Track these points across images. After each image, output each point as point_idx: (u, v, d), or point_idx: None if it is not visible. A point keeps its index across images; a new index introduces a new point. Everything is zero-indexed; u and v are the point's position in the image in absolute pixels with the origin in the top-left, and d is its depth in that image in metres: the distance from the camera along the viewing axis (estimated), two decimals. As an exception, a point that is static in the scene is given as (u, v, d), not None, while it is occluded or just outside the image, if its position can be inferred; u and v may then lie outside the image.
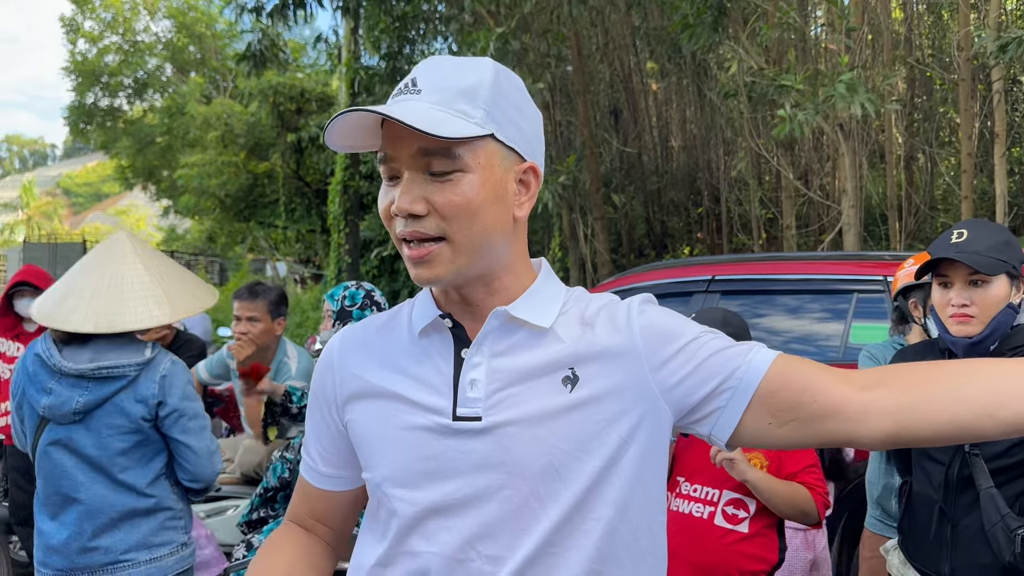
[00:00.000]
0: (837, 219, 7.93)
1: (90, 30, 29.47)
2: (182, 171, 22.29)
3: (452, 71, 1.02)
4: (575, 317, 1.09)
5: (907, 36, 10.08)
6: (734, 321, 2.36)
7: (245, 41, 12.89)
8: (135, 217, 64.04)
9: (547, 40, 10.26)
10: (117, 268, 2.29)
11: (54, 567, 2.20)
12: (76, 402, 2.18)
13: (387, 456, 1.08)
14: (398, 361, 1.11)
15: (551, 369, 1.04)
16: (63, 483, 2.21)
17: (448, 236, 0.99)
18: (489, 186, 1.00)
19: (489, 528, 1.02)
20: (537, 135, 1.09)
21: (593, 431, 1.02)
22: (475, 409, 1.04)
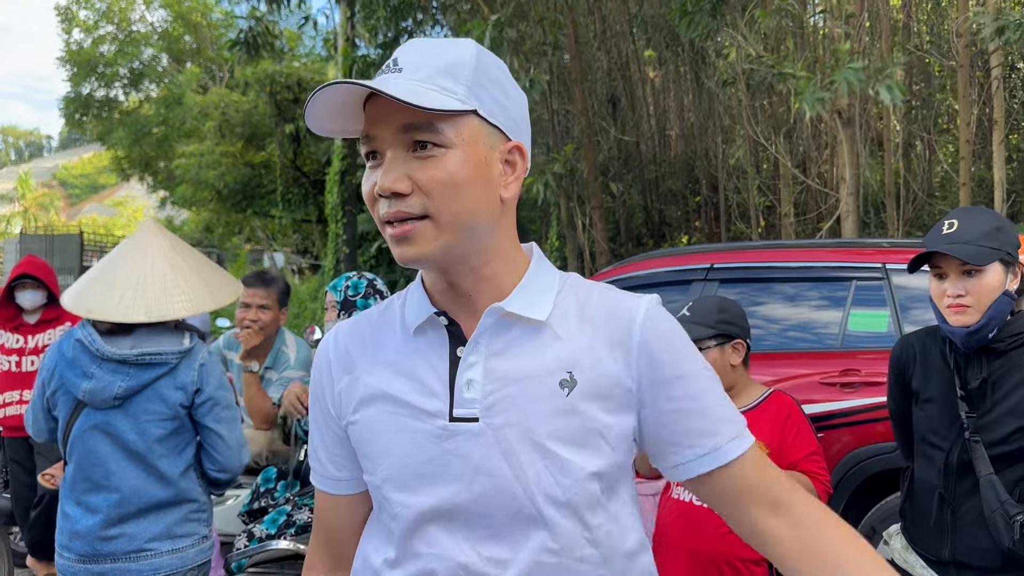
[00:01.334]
0: (835, 207, 7.93)
1: (85, 20, 29.33)
2: (179, 161, 22.24)
3: (434, 50, 1.01)
4: (573, 309, 1.07)
5: (905, 23, 10.05)
6: (730, 308, 2.35)
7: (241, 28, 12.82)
8: (132, 208, 63.93)
9: (543, 28, 10.22)
10: (156, 258, 2.34)
11: (77, 552, 2.22)
12: (117, 387, 2.22)
13: (385, 459, 1.07)
14: (393, 360, 1.09)
15: (548, 371, 1.02)
16: (96, 469, 2.23)
17: (432, 213, 0.97)
18: (473, 163, 0.98)
19: (490, 531, 1.02)
20: (522, 116, 1.06)
21: (588, 436, 1.02)
22: (472, 410, 1.02)
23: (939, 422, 2.01)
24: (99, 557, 2.21)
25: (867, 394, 3.47)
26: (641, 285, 4.59)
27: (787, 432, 2.22)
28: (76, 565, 2.22)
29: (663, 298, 3.97)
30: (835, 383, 3.58)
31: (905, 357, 2.15)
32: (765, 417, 2.26)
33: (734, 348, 2.30)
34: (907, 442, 2.19)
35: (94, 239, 30.18)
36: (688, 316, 2.34)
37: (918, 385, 2.09)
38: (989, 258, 1.89)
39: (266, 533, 2.83)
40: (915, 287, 3.61)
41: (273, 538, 2.81)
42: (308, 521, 2.84)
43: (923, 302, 3.55)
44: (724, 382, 2.30)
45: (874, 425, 3.44)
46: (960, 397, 1.96)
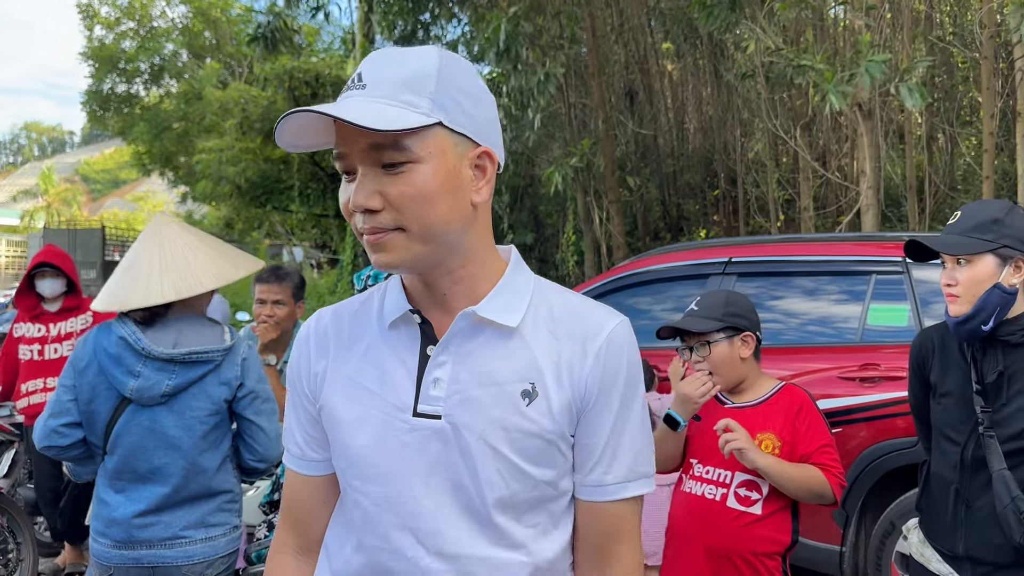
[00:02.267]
0: (855, 200, 7.86)
1: (107, 16, 29.57)
2: (200, 156, 22.39)
3: (396, 62, 1.01)
4: (543, 318, 1.10)
5: (928, 14, 9.94)
6: (738, 301, 2.34)
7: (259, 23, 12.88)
8: (152, 203, 64.50)
9: (560, 22, 10.20)
10: (174, 240, 2.37)
11: (113, 538, 2.26)
12: (165, 385, 2.25)
13: (350, 446, 1.10)
14: (368, 351, 1.12)
15: (512, 379, 1.06)
16: (141, 462, 2.27)
17: (404, 226, 1.00)
18: (442, 174, 1.00)
19: (439, 525, 1.06)
20: (491, 119, 1.07)
21: (544, 448, 1.06)
22: (436, 407, 1.06)
23: (955, 416, 2.00)
24: (135, 543, 2.26)
25: (887, 389, 3.45)
26: (658, 279, 4.58)
27: (799, 425, 2.21)
28: (112, 551, 2.27)
29: (681, 292, 3.97)
30: (854, 378, 3.56)
31: (924, 351, 2.14)
32: (776, 410, 2.25)
33: (743, 341, 2.29)
34: (928, 436, 2.18)
35: (115, 234, 30.50)
36: (696, 311, 2.33)
37: (936, 379, 2.09)
38: (971, 248, 1.91)
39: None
40: (935, 281, 3.57)
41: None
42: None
43: (943, 296, 3.52)
44: (734, 376, 2.29)
45: (894, 420, 3.42)
46: (976, 391, 1.95)
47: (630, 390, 1.10)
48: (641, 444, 1.11)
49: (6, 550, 3.92)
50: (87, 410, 2.31)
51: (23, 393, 4.36)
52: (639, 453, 1.11)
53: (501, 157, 1.09)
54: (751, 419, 2.24)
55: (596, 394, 1.07)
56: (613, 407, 1.08)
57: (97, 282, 23.65)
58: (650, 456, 1.13)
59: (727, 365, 2.27)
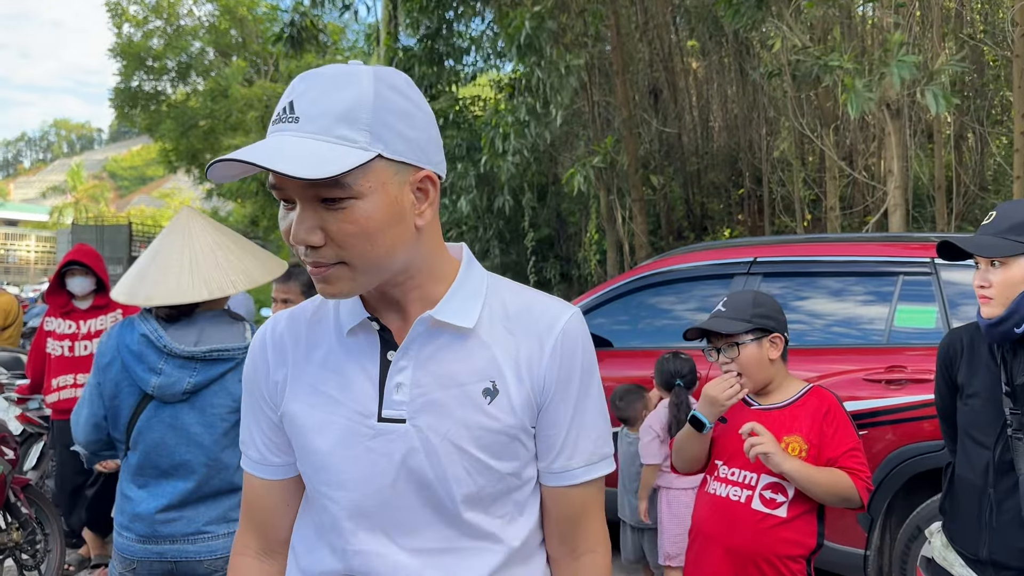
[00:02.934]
0: (883, 200, 7.77)
1: (135, 15, 29.91)
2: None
3: (328, 90, 0.97)
4: (499, 314, 1.12)
5: (958, 11, 9.80)
6: (766, 302, 2.31)
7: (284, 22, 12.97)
8: (179, 200, 65.17)
9: (585, 19, 10.16)
10: (201, 237, 2.38)
11: (137, 532, 2.29)
12: (186, 383, 2.27)
13: (315, 453, 1.11)
14: (327, 358, 1.13)
15: (473, 378, 1.08)
16: (163, 459, 2.29)
17: (346, 260, 0.99)
18: (383, 208, 0.98)
19: (409, 523, 1.09)
20: (430, 137, 1.04)
21: (507, 443, 1.09)
22: (400, 411, 1.07)
23: (983, 418, 1.97)
24: (159, 538, 2.28)
25: (913, 391, 3.41)
26: (682, 279, 4.55)
27: (826, 427, 2.18)
28: (136, 545, 2.29)
29: (705, 292, 3.95)
30: (880, 380, 3.52)
31: (952, 351, 2.11)
32: (804, 412, 2.22)
33: (772, 342, 2.26)
34: (954, 437, 2.15)
35: (142, 230, 30.84)
36: (723, 311, 2.30)
37: (964, 380, 2.06)
38: (1007, 251, 1.89)
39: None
40: (965, 282, 3.52)
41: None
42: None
43: (973, 298, 3.47)
44: (762, 377, 2.27)
45: (920, 423, 3.37)
46: (1005, 393, 1.92)
47: (586, 377, 1.13)
48: (601, 428, 1.16)
49: (34, 541, 3.98)
50: (111, 406, 2.34)
51: (53, 388, 4.42)
52: (600, 436, 1.15)
53: (443, 170, 1.09)
54: (778, 421, 2.22)
55: (555, 386, 1.10)
56: (572, 396, 1.11)
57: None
58: (609, 437, 1.17)
59: (756, 367, 2.25)
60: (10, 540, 3.83)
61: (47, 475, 5.04)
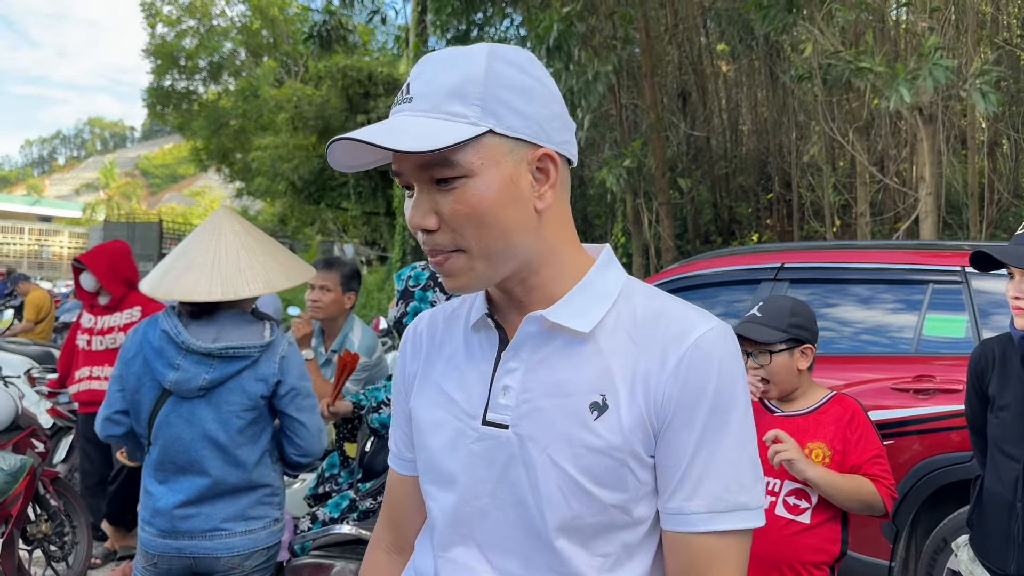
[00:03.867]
0: (914, 207, 7.67)
1: (168, 14, 30.35)
2: (256, 153, 22.82)
3: (442, 69, 0.95)
4: (626, 322, 1.00)
5: (994, 15, 9.65)
6: (802, 311, 2.29)
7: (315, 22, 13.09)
8: (209, 198, 65.94)
9: (614, 22, 10.14)
10: (230, 240, 2.42)
11: (158, 527, 2.34)
12: (202, 379, 2.31)
13: (426, 450, 1.09)
14: (451, 355, 1.10)
15: (582, 389, 0.97)
16: (179, 454, 2.34)
17: (462, 247, 0.95)
18: (497, 186, 0.93)
19: (504, 542, 1.01)
20: (552, 114, 0.98)
21: (610, 466, 0.95)
22: (504, 416, 1.00)
23: (1013, 431, 1.94)
24: (178, 534, 2.33)
25: (942, 401, 3.36)
26: (708, 284, 4.52)
27: (850, 434, 2.17)
28: (157, 540, 2.34)
29: (731, 297, 3.90)
30: (908, 389, 3.47)
31: (984, 362, 2.08)
32: (827, 419, 2.21)
33: (802, 353, 2.25)
34: (984, 450, 2.12)
35: (172, 228, 31.28)
36: (759, 317, 2.29)
37: (995, 391, 2.03)
38: None
39: (329, 517, 2.89)
40: (996, 292, 3.47)
41: (336, 522, 2.87)
42: (370, 508, 2.89)
43: (1004, 307, 3.41)
44: (789, 386, 2.25)
45: (948, 434, 3.32)
46: None
47: (722, 405, 0.94)
48: (740, 471, 0.95)
49: (62, 533, 4.04)
50: (133, 400, 2.39)
51: (75, 380, 4.51)
52: (734, 480, 0.95)
53: (572, 153, 1.02)
54: (801, 428, 2.21)
55: (675, 408, 0.94)
56: (697, 424, 0.94)
57: (154, 274, 24.25)
58: (753, 485, 0.96)
59: (785, 375, 2.24)
60: (39, 532, 3.90)
61: (75, 468, 5.12)
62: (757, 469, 0.98)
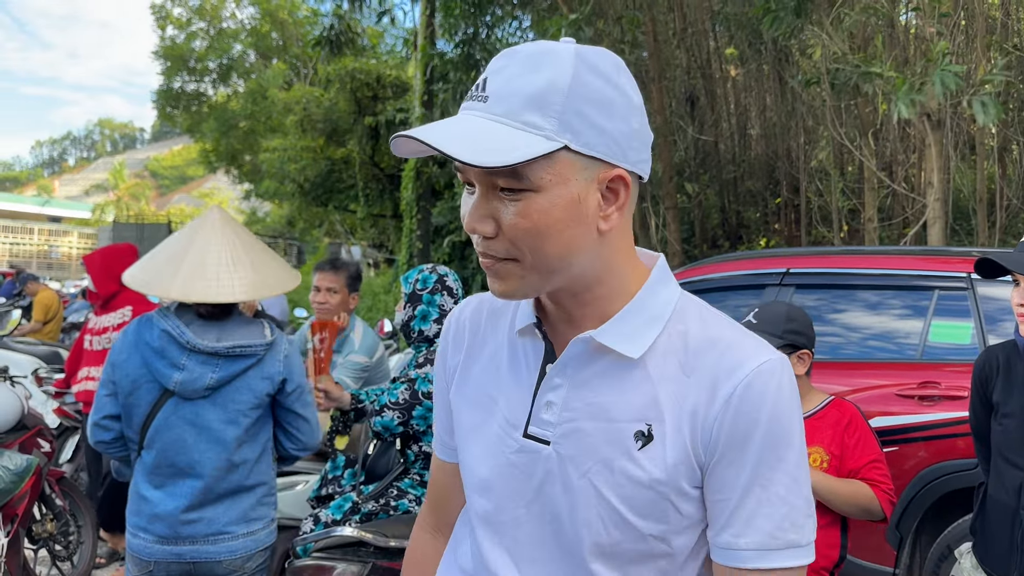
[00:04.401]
0: (922, 212, 7.64)
1: (179, 17, 30.51)
2: (264, 155, 22.90)
3: (523, 69, 0.89)
4: (676, 348, 0.96)
5: (1004, 21, 9.61)
6: (798, 317, 2.30)
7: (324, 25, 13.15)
8: (217, 200, 66.15)
9: (621, 25, 10.14)
10: (234, 239, 2.41)
11: (156, 533, 2.30)
12: (209, 378, 2.28)
13: (466, 450, 1.08)
14: (495, 354, 1.08)
15: (627, 416, 0.94)
16: (180, 456, 2.30)
17: (517, 257, 0.91)
18: (562, 205, 0.88)
19: (536, 554, 0.99)
20: (630, 131, 0.92)
21: (652, 499, 0.93)
22: (546, 432, 0.98)
23: (1017, 438, 1.94)
24: (179, 539, 2.29)
25: (947, 408, 3.35)
26: (714, 288, 4.52)
27: (847, 439, 2.18)
28: (154, 546, 2.29)
29: (737, 302, 3.91)
30: (913, 395, 3.46)
31: (988, 369, 2.08)
32: (825, 424, 2.22)
33: (799, 358, 2.25)
34: (988, 457, 2.11)
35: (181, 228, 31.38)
36: (755, 324, 2.29)
37: (999, 399, 2.02)
38: None
39: (331, 519, 2.89)
40: (1002, 298, 3.45)
41: (338, 524, 2.87)
42: (373, 510, 2.89)
43: (1010, 314, 3.40)
44: None
45: (954, 440, 3.31)
46: None
47: (776, 441, 0.91)
48: (794, 508, 0.92)
49: (67, 532, 4.06)
50: (126, 403, 2.33)
51: (77, 379, 4.54)
52: (786, 519, 0.91)
53: (646, 170, 0.97)
54: None
55: (724, 444, 0.91)
56: (748, 462, 0.91)
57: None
58: (804, 523, 0.93)
59: None
60: (44, 531, 3.91)
61: (81, 468, 5.14)
62: (810, 506, 0.95)
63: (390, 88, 19.63)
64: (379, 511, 2.83)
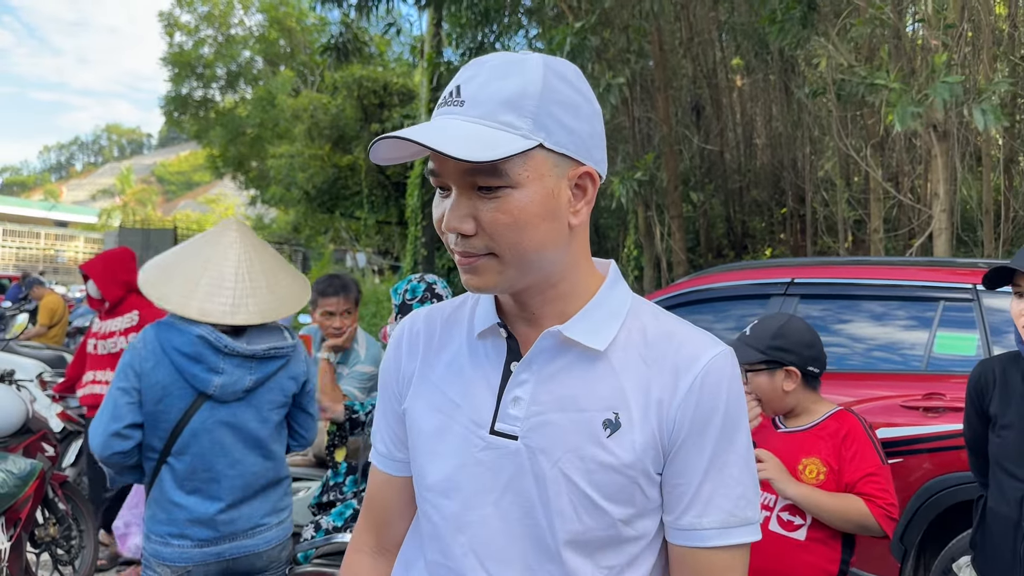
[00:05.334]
0: (928, 223, 7.62)
1: (187, 24, 30.68)
2: (271, 162, 22.98)
3: (496, 76, 0.95)
4: (636, 341, 1.02)
5: (1010, 33, 9.60)
6: (790, 333, 2.23)
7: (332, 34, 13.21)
8: (223, 205, 66.36)
9: (627, 35, 10.16)
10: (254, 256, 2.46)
11: (196, 538, 2.32)
12: (247, 380, 2.37)
13: (424, 454, 1.08)
14: (454, 359, 1.10)
15: (595, 405, 0.99)
16: (219, 460, 2.34)
17: (496, 252, 0.96)
18: (539, 199, 0.94)
19: (505, 552, 1.01)
20: (594, 132, 1.00)
21: (621, 483, 0.98)
22: (514, 427, 1.01)
23: (1016, 449, 1.92)
24: (220, 539, 2.34)
25: (951, 420, 3.33)
26: (719, 298, 4.51)
27: (844, 451, 2.14)
28: (192, 551, 2.31)
29: (741, 312, 3.89)
30: (918, 407, 3.44)
31: (984, 381, 2.06)
32: (824, 435, 2.19)
33: (787, 374, 2.21)
34: (983, 470, 2.10)
35: (187, 234, 31.45)
36: (747, 336, 2.28)
37: (996, 410, 2.01)
38: None
39: (332, 525, 2.89)
40: (1008, 309, 3.44)
41: (339, 531, 2.87)
42: (374, 517, 2.89)
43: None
44: (779, 407, 2.24)
45: (959, 452, 3.28)
46: None
47: (730, 426, 1.00)
48: (746, 487, 1.01)
49: (70, 536, 4.06)
50: (154, 411, 2.30)
51: (82, 384, 4.55)
52: (741, 497, 1.00)
53: (604, 169, 1.03)
54: (798, 444, 2.20)
55: (687, 432, 0.98)
56: (707, 446, 0.99)
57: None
58: (755, 500, 1.03)
59: (767, 396, 2.24)
60: (47, 535, 3.92)
61: (84, 472, 5.14)
62: (757, 484, 1.04)
63: (396, 95, 19.71)
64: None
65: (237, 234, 2.47)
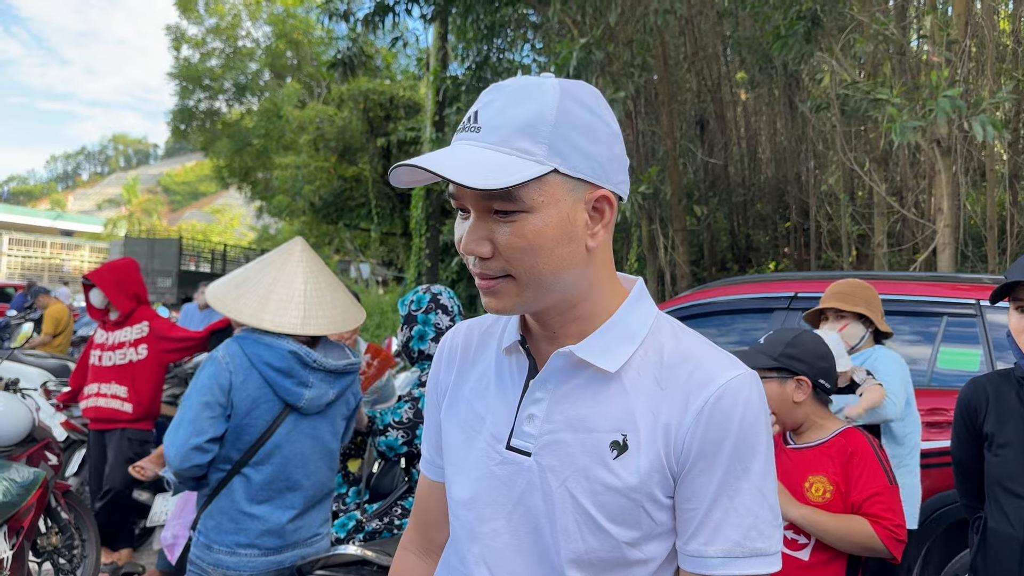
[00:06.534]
0: (932, 238, 7.62)
1: (194, 36, 30.85)
2: (278, 173, 23.06)
3: (512, 102, 0.96)
4: (653, 363, 1.01)
5: (1014, 49, 9.63)
6: (803, 344, 2.24)
7: (339, 48, 13.28)
8: (229, 216, 66.49)
9: (632, 49, 10.21)
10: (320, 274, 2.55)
11: (264, 547, 2.37)
12: (331, 394, 2.46)
13: (453, 466, 1.13)
14: (482, 374, 1.13)
15: (604, 427, 1.00)
16: (298, 470, 2.41)
17: (513, 275, 0.97)
18: (554, 223, 0.95)
19: (512, 565, 1.04)
20: (611, 156, 0.99)
21: (625, 505, 0.98)
22: (528, 444, 1.03)
23: (1017, 468, 1.91)
24: (284, 547, 2.40)
25: (955, 435, 3.32)
26: (722, 311, 4.52)
27: (851, 470, 2.11)
28: (259, 559, 2.36)
29: (745, 325, 3.88)
30: (921, 422, 3.43)
31: (976, 401, 2.03)
32: (831, 453, 2.16)
33: (797, 384, 2.21)
34: (971, 491, 2.08)
35: (192, 244, 31.53)
36: (760, 345, 2.28)
37: (991, 429, 1.98)
38: None
39: (335, 537, 2.89)
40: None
41: (342, 542, 2.87)
42: (376, 529, 2.89)
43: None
44: (790, 419, 2.22)
45: (962, 468, 3.28)
46: None
47: (744, 452, 0.96)
48: (759, 517, 0.97)
49: (72, 546, 4.06)
50: (241, 423, 2.33)
51: (84, 395, 4.54)
52: (752, 528, 0.97)
53: (625, 191, 1.03)
54: (805, 461, 2.18)
55: (695, 456, 0.96)
56: (717, 472, 0.96)
57: (172, 290, 24.42)
58: (771, 532, 0.98)
59: (777, 406, 2.21)
60: (49, 544, 3.92)
61: (87, 482, 5.15)
62: (776, 516, 0.99)
63: (402, 108, 19.79)
64: (383, 530, 2.83)
65: (303, 254, 2.56)
